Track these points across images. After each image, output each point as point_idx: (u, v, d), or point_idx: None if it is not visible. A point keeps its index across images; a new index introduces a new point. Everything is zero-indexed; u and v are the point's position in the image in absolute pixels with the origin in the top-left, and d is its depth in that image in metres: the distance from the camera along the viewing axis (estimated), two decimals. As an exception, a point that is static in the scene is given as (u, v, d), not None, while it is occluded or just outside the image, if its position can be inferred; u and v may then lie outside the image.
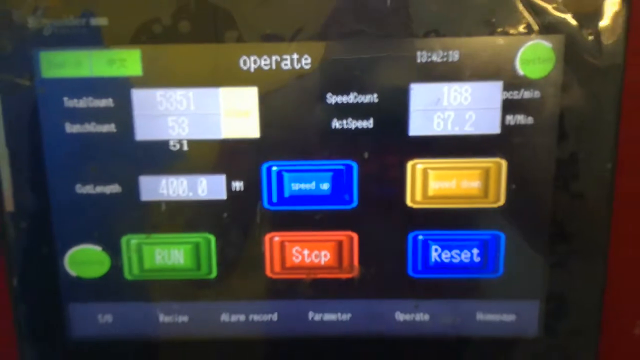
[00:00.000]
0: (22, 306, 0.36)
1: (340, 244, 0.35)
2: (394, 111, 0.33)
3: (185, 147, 0.33)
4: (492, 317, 0.36)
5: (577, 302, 0.35)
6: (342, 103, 0.33)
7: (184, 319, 0.37)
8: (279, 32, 0.32)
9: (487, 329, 0.36)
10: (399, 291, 0.35)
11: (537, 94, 0.33)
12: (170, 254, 0.35)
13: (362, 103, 0.33)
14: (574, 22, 0.32)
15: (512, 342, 0.36)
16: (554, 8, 0.32)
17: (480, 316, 0.36)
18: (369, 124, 0.33)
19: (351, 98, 0.33)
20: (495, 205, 0.35)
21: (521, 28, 0.32)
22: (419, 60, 0.32)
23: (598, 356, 0.36)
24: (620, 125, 0.33)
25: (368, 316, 0.36)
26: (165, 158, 0.34)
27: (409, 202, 0.34)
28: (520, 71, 0.32)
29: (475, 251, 0.35)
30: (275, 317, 0.36)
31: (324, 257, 0.36)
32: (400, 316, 0.36)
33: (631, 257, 0.35)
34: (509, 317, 0.36)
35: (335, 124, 0.33)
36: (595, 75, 0.32)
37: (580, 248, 0.34)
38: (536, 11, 0.32)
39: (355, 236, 0.35)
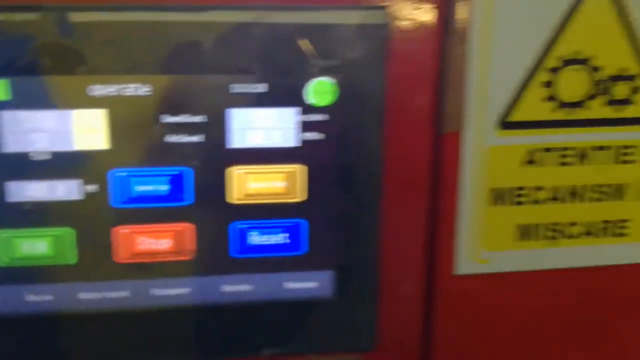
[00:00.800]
0: None
1: (179, 233, 0.45)
2: (218, 129, 0.43)
3: (46, 157, 0.41)
4: (300, 284, 0.47)
5: (360, 272, 0.47)
6: (178, 122, 0.42)
7: (49, 297, 0.44)
8: (121, 67, 0.41)
9: (296, 294, 0.46)
10: (225, 269, 0.45)
11: (325, 117, 0.44)
12: (35, 245, 0.43)
13: (193, 122, 0.43)
14: (349, 63, 0.43)
15: (314, 304, 0.47)
16: (334, 53, 0.43)
17: (290, 285, 0.46)
18: (200, 138, 0.43)
19: (184, 118, 0.43)
20: (299, 200, 0.45)
21: (311, 69, 0.43)
22: (232, 91, 0.42)
23: (378, 312, 0.48)
24: (384, 138, 0.45)
25: (202, 289, 0.46)
26: (29, 166, 0.41)
27: (231, 199, 0.44)
28: (311, 100, 0.43)
29: (285, 235, 0.46)
30: (127, 294, 0.45)
31: (166, 244, 0.45)
32: (227, 288, 0.46)
33: (399, 238, 0.48)
34: (312, 285, 0.47)
35: (173, 138, 0.43)
36: (365, 103, 0.44)
37: (361, 231, 0.46)
38: (321, 55, 0.43)
39: (191, 227, 0.45)
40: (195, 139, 0.43)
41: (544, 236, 0.48)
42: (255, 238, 0.46)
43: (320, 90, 0.44)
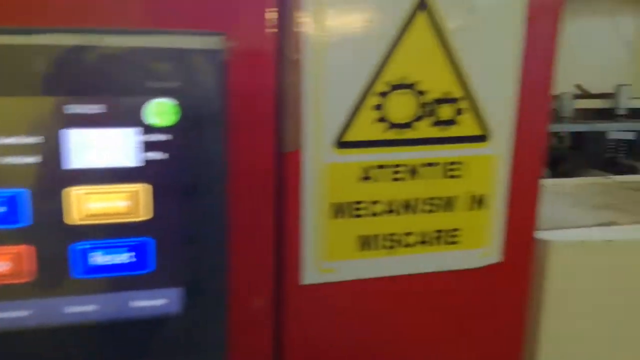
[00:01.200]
0: None
1: (17, 255, 0.44)
2: (54, 150, 0.43)
3: None
4: (147, 302, 0.47)
5: (209, 287, 0.48)
6: (11, 144, 0.42)
7: None
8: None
9: (144, 312, 0.47)
10: (67, 290, 0.45)
11: (168, 137, 0.45)
12: None
13: (28, 144, 0.42)
14: (189, 86, 0.45)
15: (163, 321, 0.48)
16: (172, 76, 0.44)
17: (137, 303, 0.47)
18: (36, 159, 0.43)
19: (18, 140, 0.42)
20: (145, 218, 0.46)
21: (148, 90, 0.44)
22: (67, 112, 0.42)
23: (227, 326, 0.49)
24: (228, 157, 0.47)
25: (44, 311, 0.45)
26: None
27: (70, 221, 0.44)
28: (151, 121, 0.44)
29: (130, 254, 0.46)
30: (-39, 319, 0.44)
31: (4, 266, 0.44)
32: (70, 309, 0.46)
33: (246, 252, 0.50)
34: (160, 302, 0.48)
35: (7, 159, 0.42)
36: (208, 123, 0.46)
37: (208, 247, 0.48)
38: (159, 78, 0.44)
39: (30, 248, 0.44)
40: (30, 160, 0.43)
41: (382, 246, 0.52)
42: (99, 258, 0.46)
43: (160, 111, 0.44)
